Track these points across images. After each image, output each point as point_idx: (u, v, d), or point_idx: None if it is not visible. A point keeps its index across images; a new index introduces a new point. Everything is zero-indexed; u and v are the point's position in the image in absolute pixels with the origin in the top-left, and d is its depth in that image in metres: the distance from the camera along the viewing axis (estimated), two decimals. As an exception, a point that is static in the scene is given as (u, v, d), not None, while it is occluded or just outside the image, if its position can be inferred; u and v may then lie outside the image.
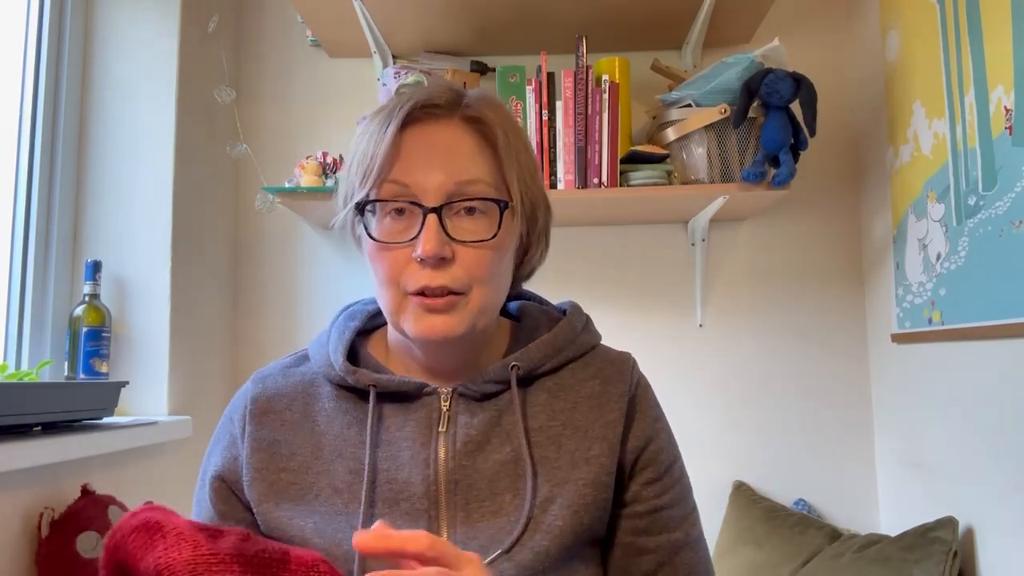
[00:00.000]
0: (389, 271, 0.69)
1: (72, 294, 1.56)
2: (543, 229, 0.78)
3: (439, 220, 0.68)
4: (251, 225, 1.92)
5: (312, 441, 0.73)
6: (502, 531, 0.67)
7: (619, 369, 0.77)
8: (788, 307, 1.85)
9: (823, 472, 1.80)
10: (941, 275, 1.46)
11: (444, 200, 0.68)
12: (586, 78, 1.62)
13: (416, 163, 0.69)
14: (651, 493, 0.74)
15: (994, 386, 1.32)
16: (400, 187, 0.69)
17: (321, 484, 0.71)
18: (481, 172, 0.70)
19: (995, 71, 1.28)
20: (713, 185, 1.61)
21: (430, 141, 0.70)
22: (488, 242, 0.69)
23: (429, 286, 0.67)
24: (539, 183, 0.76)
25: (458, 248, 0.68)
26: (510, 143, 0.72)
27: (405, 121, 0.70)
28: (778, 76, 1.53)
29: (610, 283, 1.88)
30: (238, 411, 0.76)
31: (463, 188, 0.69)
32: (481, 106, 0.73)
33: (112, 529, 0.52)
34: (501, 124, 0.72)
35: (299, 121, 1.94)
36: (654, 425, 0.76)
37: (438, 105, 0.71)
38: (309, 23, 1.81)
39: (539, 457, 0.71)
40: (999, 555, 1.31)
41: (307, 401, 0.75)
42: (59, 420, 1.21)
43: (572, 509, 0.68)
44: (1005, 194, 1.26)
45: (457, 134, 0.71)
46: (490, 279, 0.70)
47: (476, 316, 0.70)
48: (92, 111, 1.62)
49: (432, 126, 0.71)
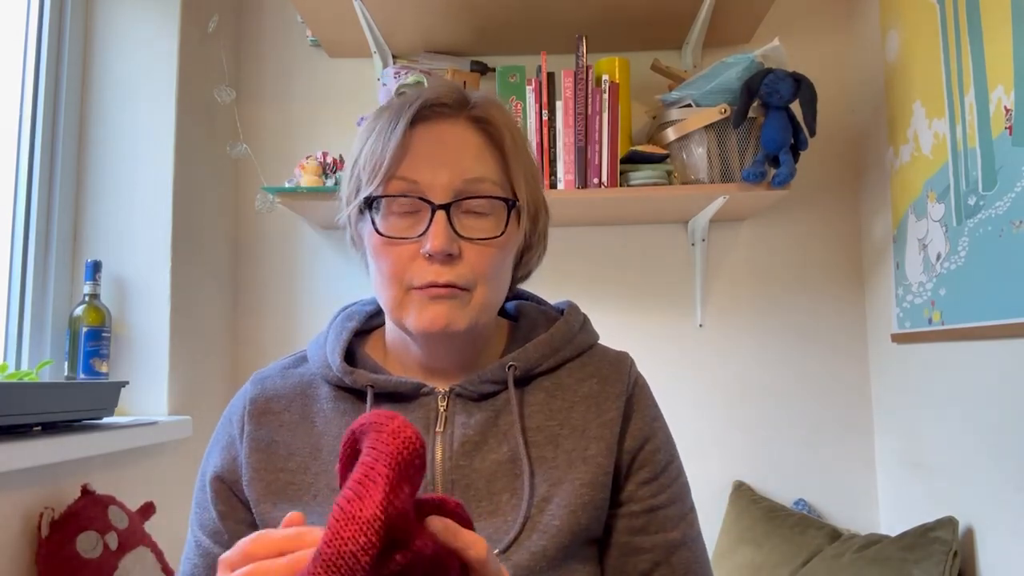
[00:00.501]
0: (394, 267, 0.70)
1: (72, 294, 1.56)
2: (543, 231, 0.79)
3: (447, 217, 0.68)
4: (251, 225, 1.92)
5: (310, 442, 0.73)
6: (499, 531, 0.67)
7: (617, 369, 0.77)
8: (788, 307, 1.85)
9: (823, 472, 1.80)
10: (941, 275, 1.46)
11: (452, 197, 0.69)
12: (586, 78, 1.62)
13: (424, 160, 0.70)
14: (647, 492, 0.73)
15: (994, 386, 1.32)
16: (409, 184, 0.69)
17: (319, 484, 0.71)
18: (488, 171, 0.71)
19: (995, 71, 1.28)
20: (713, 185, 1.61)
21: (438, 139, 0.71)
22: (495, 240, 0.70)
23: (436, 282, 0.68)
24: (540, 186, 0.77)
25: (465, 245, 0.69)
26: (516, 144, 0.73)
27: (414, 119, 0.70)
28: (778, 76, 1.53)
29: (610, 283, 1.88)
30: (237, 412, 0.76)
31: (471, 186, 0.70)
32: (487, 107, 0.73)
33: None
34: (507, 125, 0.73)
35: (299, 121, 1.94)
36: (651, 424, 0.76)
37: (446, 104, 0.72)
38: (309, 23, 1.81)
39: (536, 457, 0.71)
40: (999, 555, 1.31)
41: (305, 402, 0.75)
42: (59, 420, 1.21)
43: (569, 509, 0.68)
44: (1005, 194, 1.25)
45: (464, 133, 0.72)
46: (494, 277, 0.71)
47: (478, 313, 0.71)
48: (92, 111, 1.62)
49: (440, 125, 0.72)
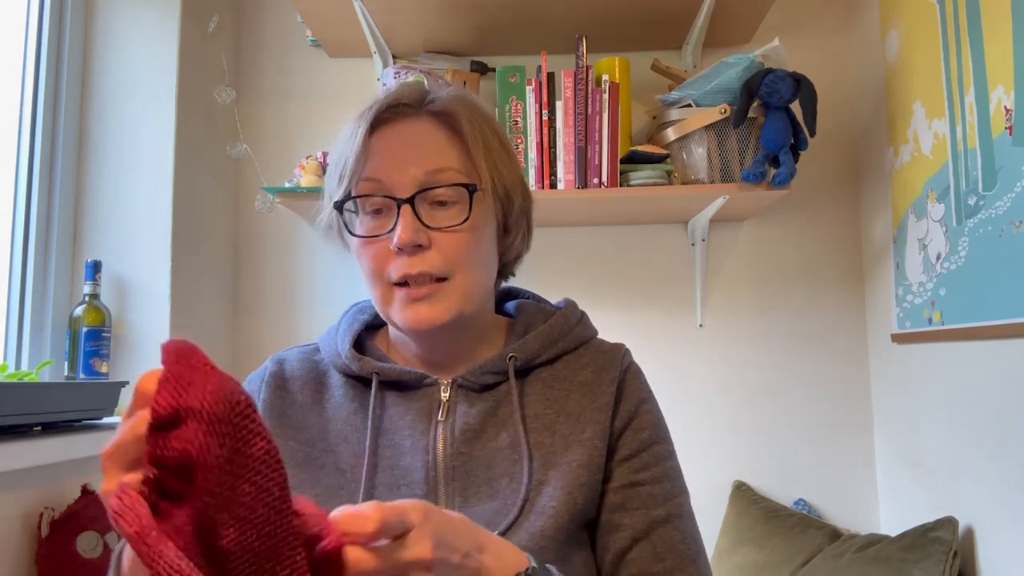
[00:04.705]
0: (372, 264, 0.73)
1: (72, 294, 1.56)
2: (521, 212, 0.80)
3: (413, 209, 0.71)
4: (251, 225, 1.92)
5: (319, 425, 0.76)
6: (499, 514, 0.69)
7: (611, 357, 0.79)
8: (788, 307, 1.85)
9: (823, 472, 1.80)
10: (941, 275, 1.46)
11: (416, 190, 0.71)
12: (586, 78, 1.62)
13: (387, 160, 0.72)
14: (627, 469, 0.74)
15: (994, 386, 1.32)
16: (374, 183, 0.72)
17: (324, 460, 0.74)
18: (450, 161, 0.73)
19: (995, 71, 1.28)
20: (713, 185, 1.61)
21: (399, 138, 0.74)
22: (461, 226, 0.72)
23: (409, 273, 0.70)
24: (514, 168, 0.79)
25: (434, 235, 0.71)
26: (475, 129, 0.75)
27: (374, 123, 0.73)
28: (778, 76, 1.53)
29: (610, 283, 1.88)
30: (256, 380, 0.80)
31: (433, 177, 0.72)
32: (447, 100, 0.76)
33: None
34: (466, 113, 0.75)
35: (299, 121, 1.94)
36: (639, 407, 0.77)
37: (405, 104, 0.75)
38: (309, 23, 1.81)
39: (534, 442, 0.73)
40: (999, 555, 1.31)
41: (317, 388, 0.79)
42: (59, 420, 1.21)
43: (566, 490, 0.70)
44: (1005, 194, 1.25)
45: (426, 128, 0.74)
46: (470, 263, 0.73)
47: (462, 301, 0.72)
48: (92, 111, 1.62)
49: (400, 124, 0.74)
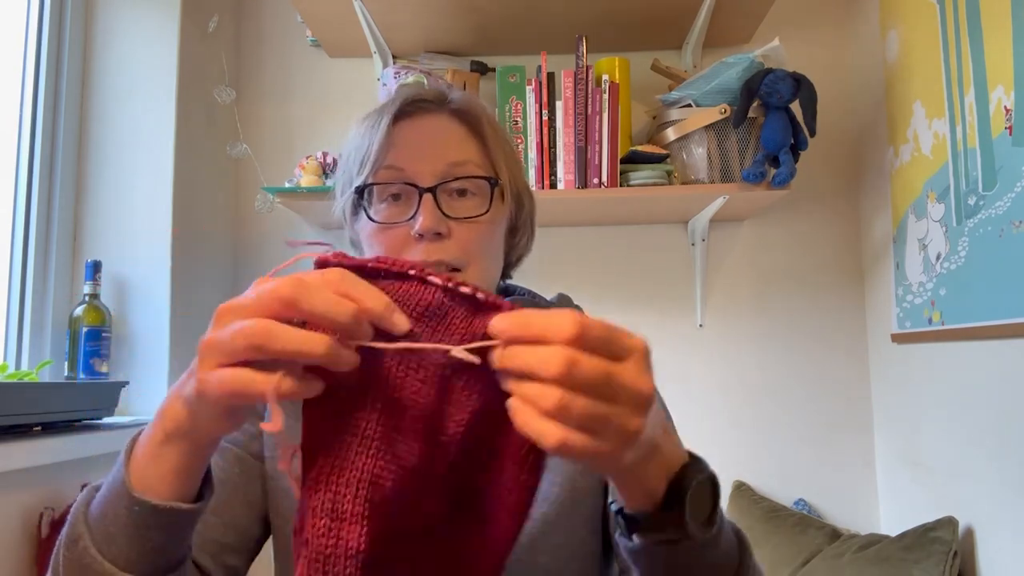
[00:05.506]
0: (388, 251, 0.74)
1: (72, 294, 1.56)
2: (528, 215, 0.83)
3: (434, 199, 0.72)
4: (251, 225, 1.92)
5: None
6: None
7: None
8: (788, 307, 1.85)
9: (823, 472, 1.80)
10: (941, 275, 1.46)
11: (438, 180, 0.73)
12: (586, 78, 1.62)
13: (409, 150, 0.74)
14: None
15: (994, 386, 1.32)
16: (396, 171, 0.74)
17: None
18: (470, 154, 0.76)
19: (995, 71, 1.28)
20: (713, 185, 1.61)
21: (421, 130, 0.76)
22: (481, 218, 0.74)
23: (427, 260, 0.71)
24: (521, 174, 0.83)
25: (453, 225, 0.73)
26: (495, 132, 0.78)
27: (397, 115, 0.75)
28: (778, 76, 1.53)
29: (610, 283, 1.88)
30: None
31: (454, 169, 0.74)
32: (466, 101, 0.79)
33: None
34: (486, 117, 0.79)
35: (299, 121, 1.94)
36: None
37: (427, 100, 0.77)
38: (309, 23, 1.81)
39: None
40: (999, 555, 1.31)
41: None
42: (59, 420, 1.21)
43: (567, 475, 0.72)
44: (1005, 194, 1.25)
45: (446, 124, 0.77)
46: (484, 254, 0.75)
47: None
48: (92, 111, 1.62)
49: (422, 118, 0.77)
